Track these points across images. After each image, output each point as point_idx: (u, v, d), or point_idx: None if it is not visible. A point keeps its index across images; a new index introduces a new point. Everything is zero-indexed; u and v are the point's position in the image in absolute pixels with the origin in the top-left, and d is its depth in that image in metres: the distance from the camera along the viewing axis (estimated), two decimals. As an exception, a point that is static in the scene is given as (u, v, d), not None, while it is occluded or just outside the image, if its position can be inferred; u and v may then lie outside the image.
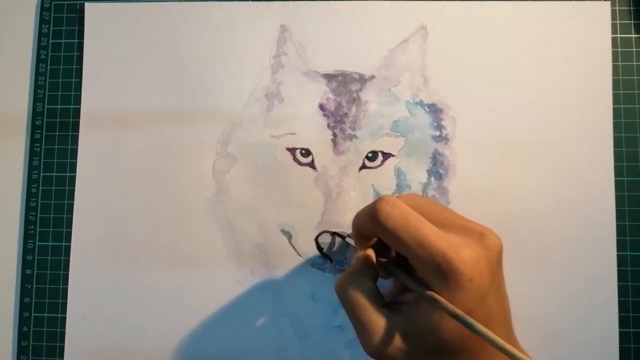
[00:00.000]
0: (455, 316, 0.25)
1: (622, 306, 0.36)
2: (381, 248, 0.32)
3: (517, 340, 0.29)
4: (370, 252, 0.31)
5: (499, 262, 0.29)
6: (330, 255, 0.37)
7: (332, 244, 0.37)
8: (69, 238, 0.39)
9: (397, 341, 0.27)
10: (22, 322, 0.38)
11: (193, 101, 0.39)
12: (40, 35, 0.40)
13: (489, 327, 0.26)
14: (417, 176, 0.37)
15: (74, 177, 0.39)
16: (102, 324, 0.38)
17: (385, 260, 0.31)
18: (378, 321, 0.27)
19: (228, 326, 0.37)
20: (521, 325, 0.30)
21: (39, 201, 0.39)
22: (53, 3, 0.41)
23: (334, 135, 0.38)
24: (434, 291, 0.26)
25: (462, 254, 0.26)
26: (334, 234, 0.37)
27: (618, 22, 0.38)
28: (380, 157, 0.38)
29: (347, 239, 0.36)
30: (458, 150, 0.38)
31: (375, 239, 0.32)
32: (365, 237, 0.31)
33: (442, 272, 0.26)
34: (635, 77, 0.38)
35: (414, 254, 0.27)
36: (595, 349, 0.36)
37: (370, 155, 0.38)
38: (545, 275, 0.36)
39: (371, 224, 0.28)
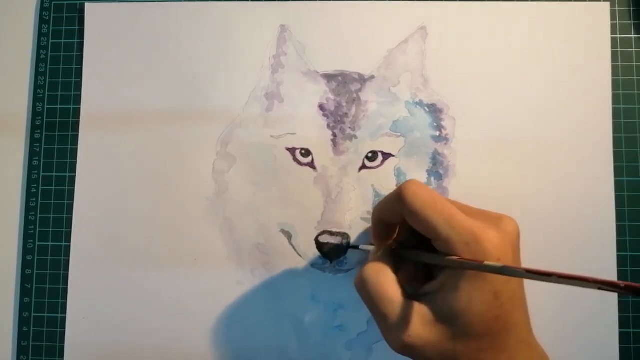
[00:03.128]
0: (494, 268, 0.24)
1: (622, 306, 0.36)
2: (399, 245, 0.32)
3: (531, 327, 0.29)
4: (387, 248, 0.31)
5: (518, 246, 0.29)
6: (330, 255, 0.37)
7: (332, 244, 0.37)
8: (69, 238, 0.39)
9: (425, 332, 0.27)
10: (22, 322, 0.38)
11: (193, 101, 0.39)
12: (40, 35, 0.40)
13: (513, 310, 0.26)
14: (417, 176, 0.37)
15: (74, 177, 0.39)
16: (102, 324, 0.38)
17: (405, 249, 0.31)
18: (404, 314, 0.27)
19: (228, 326, 0.37)
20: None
21: (39, 201, 0.39)
22: (53, 3, 0.41)
23: (334, 135, 0.38)
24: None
25: (489, 234, 0.26)
26: (348, 245, 0.37)
27: (618, 22, 0.38)
28: (380, 157, 0.38)
29: (362, 247, 0.36)
30: (458, 151, 0.38)
31: (394, 235, 0.32)
32: (385, 228, 0.31)
33: (471, 251, 0.26)
34: (634, 78, 0.38)
35: (442, 234, 0.27)
36: (596, 349, 0.36)
37: (370, 155, 0.38)
38: (545, 276, 0.36)
39: (398, 205, 0.28)
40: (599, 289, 0.20)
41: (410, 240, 0.32)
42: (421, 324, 0.27)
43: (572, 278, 0.21)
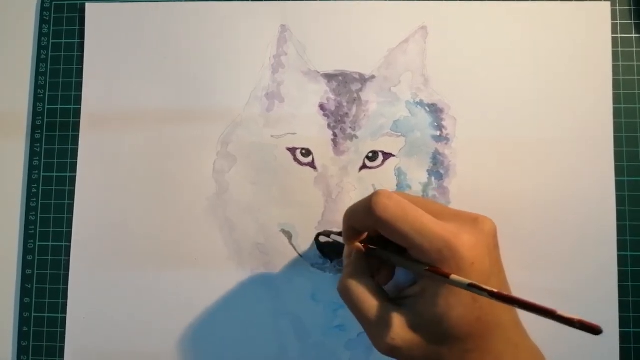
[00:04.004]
0: (461, 284, 0.25)
1: (623, 306, 0.36)
2: (371, 242, 0.32)
3: (523, 326, 0.29)
4: (360, 248, 0.32)
5: (496, 246, 0.29)
6: (330, 255, 0.37)
7: (332, 244, 0.37)
8: (69, 238, 0.39)
9: (408, 334, 0.27)
10: (22, 322, 0.38)
11: (193, 101, 0.39)
12: (41, 35, 0.40)
13: (494, 311, 0.27)
14: (418, 176, 0.37)
15: (74, 177, 0.39)
16: (102, 324, 0.38)
17: (377, 248, 0.31)
18: (386, 317, 0.28)
19: (228, 326, 0.37)
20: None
21: (39, 201, 0.39)
22: (53, 3, 0.41)
23: (335, 135, 0.38)
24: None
25: (462, 239, 0.27)
26: (319, 235, 0.37)
27: (618, 21, 0.38)
28: (380, 157, 0.38)
29: (333, 236, 0.36)
30: (458, 150, 0.38)
31: (364, 235, 0.32)
32: (356, 232, 0.31)
33: (444, 258, 0.26)
34: (635, 77, 0.38)
35: (414, 243, 0.27)
36: (596, 348, 0.36)
37: (370, 155, 0.38)
38: (546, 275, 0.36)
39: (368, 217, 0.28)
40: (557, 321, 0.21)
41: (382, 239, 0.31)
42: (403, 327, 0.27)
43: (533, 307, 0.22)
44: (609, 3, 0.38)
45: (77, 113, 0.39)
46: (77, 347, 0.38)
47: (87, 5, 0.40)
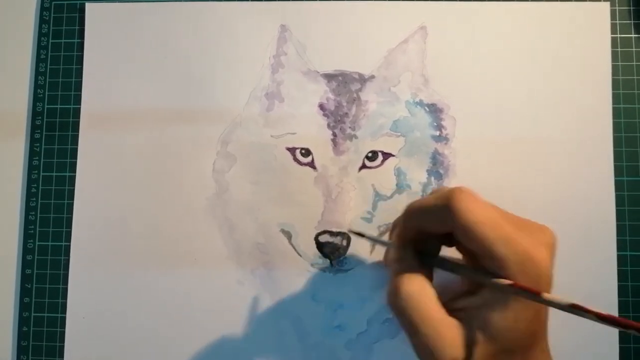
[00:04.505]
0: (561, 305, 0.24)
1: (622, 306, 0.36)
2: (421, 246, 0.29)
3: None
4: (414, 251, 0.29)
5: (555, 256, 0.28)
6: (330, 255, 0.37)
7: (332, 244, 0.37)
8: (69, 238, 0.39)
9: (469, 353, 0.25)
10: (22, 322, 0.38)
11: (193, 101, 0.39)
12: (40, 35, 0.40)
13: (545, 324, 0.26)
14: (417, 176, 0.37)
15: (74, 177, 0.39)
16: (102, 324, 0.38)
17: (447, 258, 0.29)
18: (448, 333, 0.25)
19: (228, 326, 0.37)
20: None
21: (39, 201, 0.39)
22: (53, 3, 0.41)
23: (334, 135, 0.38)
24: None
25: (542, 253, 0.25)
26: (357, 234, 0.34)
27: (618, 22, 0.38)
28: (380, 157, 0.38)
29: (368, 235, 0.34)
30: (458, 150, 0.38)
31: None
32: (418, 234, 0.28)
33: (524, 271, 0.24)
34: (635, 77, 0.38)
35: (498, 253, 0.25)
36: (595, 349, 0.36)
37: (370, 155, 0.38)
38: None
39: (445, 218, 0.26)
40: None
41: (432, 243, 0.30)
42: (464, 344, 0.25)
43: (630, 326, 0.21)
44: (608, 3, 0.38)
45: (77, 113, 0.39)
46: (77, 347, 0.38)
47: (87, 5, 0.40)
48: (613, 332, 0.36)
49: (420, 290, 0.26)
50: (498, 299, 0.25)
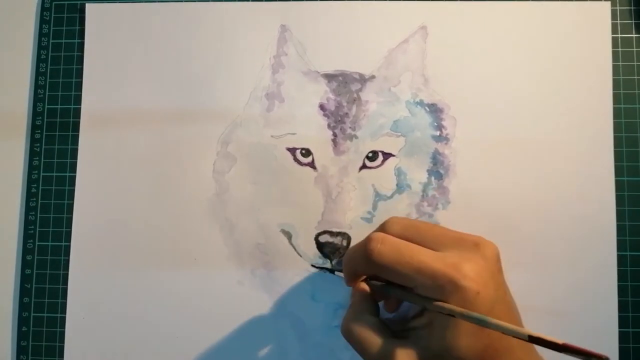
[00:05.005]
0: (470, 317, 0.25)
1: (622, 306, 0.36)
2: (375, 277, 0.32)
3: (532, 345, 0.29)
4: (364, 286, 0.32)
5: (499, 270, 0.29)
6: (330, 255, 0.37)
7: (332, 244, 0.37)
8: (68, 238, 0.38)
9: None
10: (22, 322, 0.38)
11: (193, 101, 0.39)
12: (41, 35, 0.40)
13: (503, 337, 0.26)
14: (418, 176, 0.37)
15: (74, 177, 0.39)
16: (102, 324, 0.38)
17: (381, 284, 0.32)
18: (392, 354, 0.27)
19: (228, 326, 0.37)
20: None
21: (39, 201, 0.39)
22: (53, 3, 0.41)
23: (334, 135, 0.38)
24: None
25: (464, 270, 0.26)
26: (348, 245, 0.37)
27: (618, 22, 0.38)
28: (380, 157, 0.38)
29: (337, 273, 0.37)
30: (458, 150, 0.38)
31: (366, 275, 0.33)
32: (358, 275, 0.32)
33: (448, 292, 0.26)
34: (635, 77, 0.38)
35: (417, 282, 0.27)
36: (595, 349, 0.36)
37: (370, 155, 0.38)
38: (545, 275, 0.36)
39: (367, 265, 0.29)
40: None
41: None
42: None
43: (554, 346, 0.22)
44: (609, 3, 0.38)
45: (77, 113, 0.39)
46: (77, 347, 0.38)
47: (87, 5, 0.40)
48: (612, 332, 0.36)
49: (360, 321, 0.30)
50: (439, 319, 0.27)
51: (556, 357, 0.29)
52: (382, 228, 0.31)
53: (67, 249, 0.38)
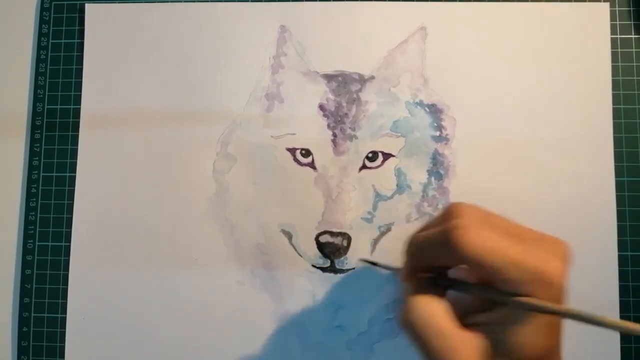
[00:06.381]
0: (574, 316, 0.24)
1: (623, 306, 0.36)
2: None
3: None
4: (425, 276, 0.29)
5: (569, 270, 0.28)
6: (330, 255, 0.37)
7: (332, 244, 0.37)
8: (69, 238, 0.38)
9: None
10: (22, 322, 0.38)
11: (193, 101, 0.39)
12: (40, 35, 0.40)
13: (560, 338, 0.26)
14: (418, 176, 0.37)
15: (74, 177, 0.39)
16: (102, 324, 0.38)
17: (461, 280, 0.29)
18: (463, 347, 0.25)
19: (228, 326, 0.37)
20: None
21: (39, 201, 0.39)
22: (53, 3, 0.41)
23: (334, 135, 0.38)
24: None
25: (552, 266, 0.25)
26: (371, 263, 0.36)
27: (617, 22, 0.38)
28: (380, 158, 0.38)
29: (381, 266, 0.36)
30: (458, 151, 0.38)
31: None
32: (422, 267, 0.29)
33: (538, 289, 0.25)
34: (635, 78, 0.38)
35: (509, 276, 0.25)
36: (597, 349, 0.36)
37: (370, 155, 0.38)
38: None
39: (448, 254, 0.26)
40: None
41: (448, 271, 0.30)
42: (480, 357, 0.26)
43: None
44: (608, 4, 0.38)
45: (77, 113, 0.39)
46: (77, 347, 0.38)
47: (87, 5, 0.40)
48: (615, 333, 0.36)
49: (430, 307, 0.26)
50: (515, 315, 0.26)
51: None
52: (457, 215, 0.27)
53: (67, 249, 0.38)
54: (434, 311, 0.26)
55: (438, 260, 0.28)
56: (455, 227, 0.26)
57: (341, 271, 0.37)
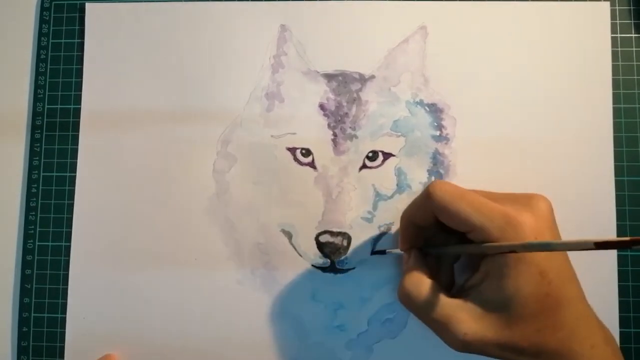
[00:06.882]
0: (533, 246, 0.25)
1: (623, 306, 0.36)
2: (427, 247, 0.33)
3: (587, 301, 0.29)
4: (417, 252, 0.32)
5: (554, 223, 0.29)
6: (330, 255, 0.37)
7: (332, 243, 0.37)
8: (69, 238, 0.38)
9: (479, 327, 0.27)
10: (22, 322, 0.38)
11: (193, 101, 0.39)
12: (41, 35, 0.40)
13: (563, 285, 0.27)
14: (418, 176, 0.37)
15: (74, 177, 0.39)
16: (102, 324, 0.38)
17: (434, 247, 0.32)
18: (454, 313, 0.28)
19: (228, 326, 0.37)
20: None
21: (39, 201, 0.39)
22: (53, 3, 0.41)
23: (334, 135, 0.38)
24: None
25: (523, 216, 0.27)
26: (381, 252, 0.37)
27: (618, 21, 0.38)
28: (380, 157, 0.38)
29: (388, 251, 0.37)
30: (458, 150, 0.38)
31: (420, 241, 0.33)
32: (414, 231, 0.32)
33: (507, 235, 0.26)
34: (635, 77, 0.38)
35: (475, 223, 0.27)
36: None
37: (370, 155, 0.38)
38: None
39: (427, 204, 0.29)
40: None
41: (439, 238, 0.32)
42: (473, 319, 0.27)
43: (623, 244, 0.20)
44: (608, 3, 0.38)
45: (77, 113, 0.39)
46: (77, 347, 0.38)
47: (87, 5, 0.40)
48: (613, 332, 0.36)
49: (417, 283, 0.29)
50: (494, 270, 0.27)
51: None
52: (430, 190, 0.30)
53: (67, 249, 0.38)
54: (424, 286, 0.29)
55: (419, 215, 0.31)
56: (432, 183, 0.29)
57: (341, 271, 0.37)
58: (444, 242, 0.32)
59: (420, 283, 0.29)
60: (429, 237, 0.33)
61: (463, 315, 0.27)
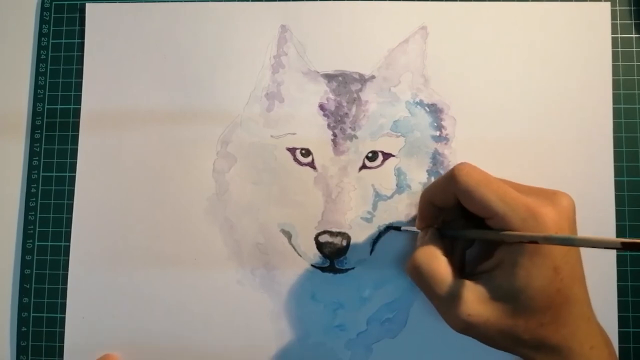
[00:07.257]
0: (554, 239, 0.24)
1: (622, 306, 0.36)
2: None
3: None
4: (434, 229, 0.32)
5: (575, 221, 0.29)
6: (330, 255, 0.37)
7: (332, 243, 0.37)
8: (68, 238, 0.38)
9: (483, 309, 0.27)
10: (21, 322, 0.38)
11: (193, 101, 0.39)
12: (41, 35, 0.40)
13: (574, 284, 0.27)
14: (418, 176, 0.37)
15: (74, 177, 0.39)
16: (102, 324, 0.38)
17: (452, 229, 0.32)
18: (460, 292, 0.27)
19: (228, 326, 0.37)
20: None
21: (39, 201, 0.39)
22: (53, 3, 0.41)
23: (334, 135, 0.38)
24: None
25: (545, 209, 0.26)
26: (389, 228, 0.37)
27: (618, 22, 0.38)
28: (380, 157, 0.38)
29: (404, 228, 0.36)
30: (458, 150, 0.38)
31: (438, 220, 0.32)
32: (433, 211, 0.31)
33: (528, 227, 0.26)
34: (635, 77, 0.38)
35: (497, 210, 0.27)
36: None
37: (370, 155, 0.38)
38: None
39: (450, 185, 0.29)
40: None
41: (457, 222, 0.32)
42: (479, 302, 0.27)
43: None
44: (608, 3, 0.38)
45: (77, 113, 0.39)
46: (76, 347, 0.38)
47: (87, 5, 0.40)
48: (612, 332, 0.36)
49: (433, 257, 0.29)
50: (509, 258, 0.27)
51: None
52: (455, 173, 0.29)
53: (67, 249, 0.38)
54: (436, 261, 0.29)
55: (440, 196, 0.30)
56: (457, 165, 0.29)
57: (341, 271, 0.37)
58: (461, 226, 0.32)
59: (433, 258, 0.29)
60: (446, 219, 0.33)
61: (470, 295, 0.27)
